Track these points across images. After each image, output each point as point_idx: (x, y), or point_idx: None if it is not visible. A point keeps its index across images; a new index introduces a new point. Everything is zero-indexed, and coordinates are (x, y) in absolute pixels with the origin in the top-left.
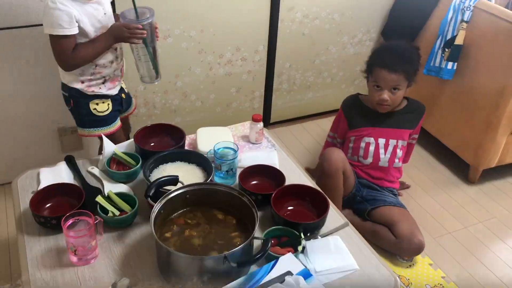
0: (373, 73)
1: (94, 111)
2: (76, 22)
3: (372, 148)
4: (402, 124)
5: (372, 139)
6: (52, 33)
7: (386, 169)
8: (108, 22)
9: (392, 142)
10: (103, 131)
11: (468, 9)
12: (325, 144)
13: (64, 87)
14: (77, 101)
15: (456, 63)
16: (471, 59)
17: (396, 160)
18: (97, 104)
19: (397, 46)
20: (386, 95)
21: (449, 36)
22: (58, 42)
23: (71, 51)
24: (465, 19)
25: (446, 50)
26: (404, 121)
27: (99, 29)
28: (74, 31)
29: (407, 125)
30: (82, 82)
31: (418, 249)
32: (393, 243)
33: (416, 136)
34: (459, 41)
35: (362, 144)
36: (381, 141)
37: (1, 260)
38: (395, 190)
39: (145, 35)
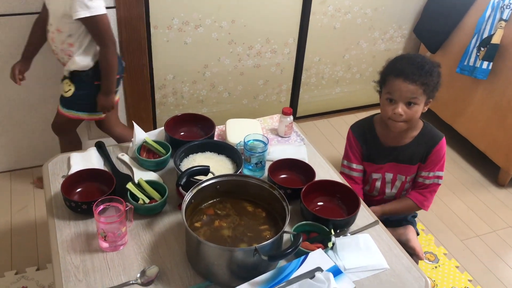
0: (387, 83)
1: None
2: None
3: (378, 183)
4: (411, 159)
5: (379, 175)
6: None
7: None
8: None
9: (401, 177)
10: None
11: (508, 7)
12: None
13: None
14: None
15: (491, 63)
16: (508, 59)
17: (404, 193)
18: None
19: (416, 56)
20: (400, 108)
21: (485, 35)
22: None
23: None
24: (504, 17)
25: (482, 49)
26: (415, 155)
27: None
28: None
29: (417, 160)
30: None
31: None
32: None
33: (431, 174)
34: (496, 40)
35: (369, 179)
36: (388, 176)
37: (29, 243)
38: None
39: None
